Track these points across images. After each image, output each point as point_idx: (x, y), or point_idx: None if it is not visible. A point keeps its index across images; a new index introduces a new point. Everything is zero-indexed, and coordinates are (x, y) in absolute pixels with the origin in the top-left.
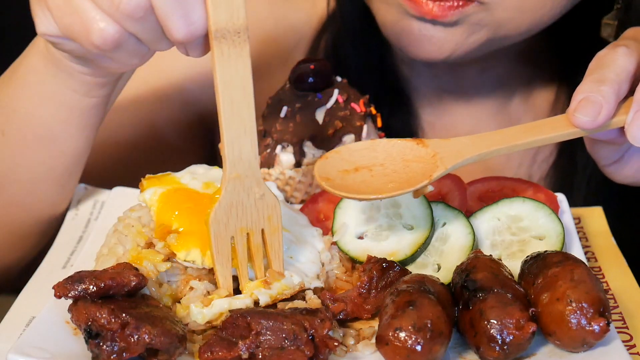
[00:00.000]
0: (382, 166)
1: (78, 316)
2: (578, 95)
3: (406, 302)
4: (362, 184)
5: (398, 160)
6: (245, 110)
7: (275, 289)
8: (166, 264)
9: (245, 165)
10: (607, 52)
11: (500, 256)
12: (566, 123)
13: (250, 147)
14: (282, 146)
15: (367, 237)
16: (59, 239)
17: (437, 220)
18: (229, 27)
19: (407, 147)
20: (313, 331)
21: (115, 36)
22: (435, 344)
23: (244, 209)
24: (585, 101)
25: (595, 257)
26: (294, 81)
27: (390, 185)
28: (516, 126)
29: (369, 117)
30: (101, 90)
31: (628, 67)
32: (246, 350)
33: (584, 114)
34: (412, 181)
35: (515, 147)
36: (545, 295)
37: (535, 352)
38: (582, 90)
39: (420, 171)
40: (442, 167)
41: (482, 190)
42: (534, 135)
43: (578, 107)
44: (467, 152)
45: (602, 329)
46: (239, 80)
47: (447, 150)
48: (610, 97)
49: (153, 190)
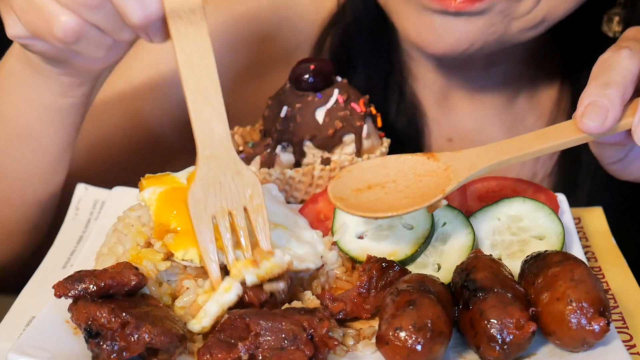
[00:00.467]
0: (395, 182)
1: (78, 316)
2: (584, 100)
3: (406, 302)
4: (376, 201)
5: (410, 175)
6: (210, 89)
7: (264, 269)
8: (166, 263)
9: (217, 144)
10: (611, 54)
11: (500, 256)
12: (574, 129)
13: (220, 125)
14: (282, 146)
15: (367, 237)
16: (59, 239)
17: (437, 220)
18: (183, 6)
19: (419, 162)
20: (312, 331)
21: (76, 28)
22: (435, 344)
23: (222, 187)
24: (592, 106)
25: (595, 257)
26: (294, 81)
27: (405, 202)
28: (524, 135)
29: (369, 117)
30: (78, 90)
31: (632, 69)
32: (246, 352)
33: (591, 119)
34: (425, 196)
35: (525, 156)
36: (546, 295)
37: (535, 352)
38: (588, 94)
39: (434, 185)
40: (455, 180)
41: (482, 190)
42: (543, 143)
43: (585, 112)
44: (479, 164)
45: (602, 328)
46: (200, 58)
47: (459, 163)
48: (617, 100)
49: (152, 190)
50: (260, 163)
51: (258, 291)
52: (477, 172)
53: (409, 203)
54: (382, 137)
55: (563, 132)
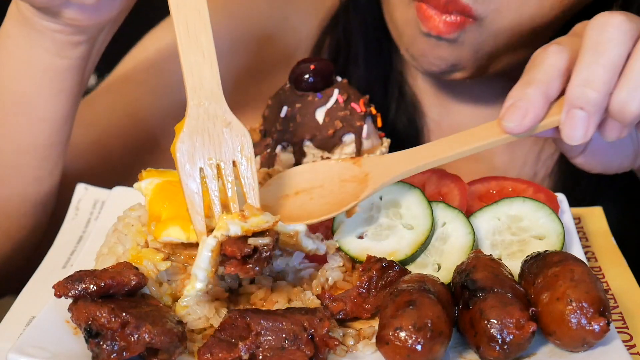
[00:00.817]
0: (321, 187)
1: (78, 315)
2: (507, 101)
3: (406, 302)
4: (299, 208)
5: (336, 180)
6: (202, 35)
7: (250, 223)
8: (166, 263)
9: (207, 92)
10: (539, 51)
11: (500, 256)
12: (499, 129)
13: (210, 73)
14: (282, 146)
15: (367, 237)
16: (59, 239)
17: (437, 220)
18: None
19: (345, 167)
20: (312, 331)
21: None
22: (435, 344)
23: (211, 138)
24: (512, 107)
25: (595, 257)
26: (294, 81)
27: (324, 208)
28: (449, 137)
29: (369, 117)
30: (74, 50)
31: (558, 64)
32: (246, 351)
33: (509, 120)
34: (343, 202)
35: (446, 158)
36: (546, 295)
37: (535, 351)
38: (510, 95)
39: (352, 192)
40: (372, 186)
41: (482, 190)
42: (466, 144)
43: (505, 113)
44: (397, 169)
45: (602, 328)
46: (193, 2)
47: (378, 169)
48: (536, 99)
49: (150, 181)
50: (260, 163)
51: (242, 244)
52: (393, 178)
53: (326, 210)
54: (382, 137)
55: (487, 133)
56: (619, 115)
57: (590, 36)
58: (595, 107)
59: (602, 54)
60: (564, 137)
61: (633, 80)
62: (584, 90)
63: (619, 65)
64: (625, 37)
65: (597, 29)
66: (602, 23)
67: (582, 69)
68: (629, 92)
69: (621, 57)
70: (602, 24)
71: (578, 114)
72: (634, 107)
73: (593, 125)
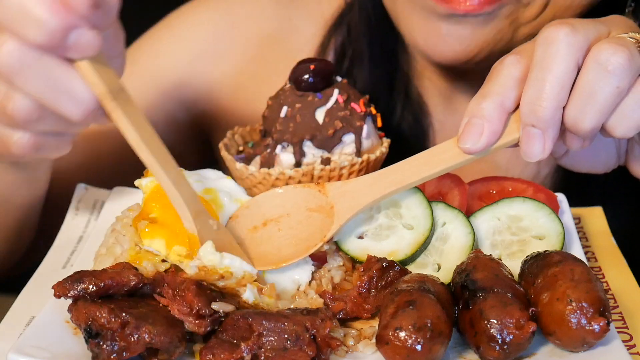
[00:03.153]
0: (289, 216)
1: (78, 316)
2: (464, 118)
3: (406, 302)
4: (268, 242)
5: (302, 209)
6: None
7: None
8: (165, 264)
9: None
10: (497, 64)
11: (500, 256)
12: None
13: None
14: (282, 146)
15: (367, 237)
16: (59, 239)
17: (437, 220)
18: (112, 87)
19: (310, 194)
20: (314, 331)
21: (30, 141)
22: (435, 344)
23: None
24: (467, 125)
25: (595, 257)
26: (294, 81)
27: (292, 242)
28: (415, 157)
29: (369, 117)
30: (39, 171)
31: (514, 74)
32: (249, 352)
33: (464, 141)
34: (310, 240)
35: (412, 184)
36: (545, 295)
37: (535, 351)
38: (467, 111)
39: (319, 225)
40: (337, 223)
41: (482, 190)
42: (433, 168)
43: (462, 133)
44: (362, 202)
45: (602, 328)
46: (145, 127)
47: (344, 202)
48: (492, 113)
49: (152, 179)
50: (260, 163)
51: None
52: (359, 211)
53: (293, 247)
54: (382, 137)
55: (449, 155)
56: (574, 129)
57: (537, 51)
58: (547, 124)
59: (547, 70)
60: (523, 155)
61: (582, 96)
62: (533, 107)
63: (567, 79)
64: (571, 49)
65: (544, 43)
66: (548, 37)
67: (530, 86)
68: (579, 108)
69: (568, 71)
70: (548, 37)
71: (532, 132)
72: (586, 123)
73: (549, 141)
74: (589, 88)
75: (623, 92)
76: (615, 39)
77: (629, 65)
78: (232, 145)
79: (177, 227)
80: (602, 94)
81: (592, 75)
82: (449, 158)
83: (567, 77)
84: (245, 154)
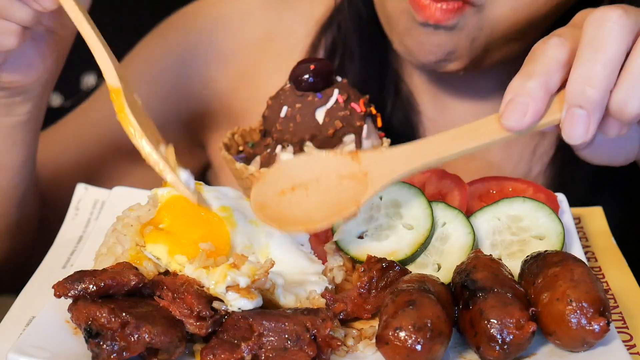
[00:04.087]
0: (318, 182)
1: (78, 315)
2: (506, 95)
3: (406, 302)
4: (296, 208)
5: (333, 176)
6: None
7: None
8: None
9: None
10: (539, 43)
11: (500, 256)
12: (499, 126)
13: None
14: (282, 146)
15: (367, 237)
16: (59, 239)
17: (437, 220)
18: None
19: (343, 162)
20: (315, 331)
21: None
22: (435, 344)
23: None
24: (511, 103)
25: (595, 257)
26: (294, 81)
27: (322, 207)
28: (450, 132)
29: (369, 117)
30: (20, 108)
31: (558, 57)
32: (249, 352)
33: (508, 118)
34: (341, 204)
35: (447, 158)
36: (546, 295)
37: (535, 351)
38: (510, 89)
39: (352, 192)
40: (372, 189)
41: (482, 190)
42: (468, 143)
43: (505, 111)
44: (397, 169)
45: (602, 328)
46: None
47: (378, 169)
48: (536, 92)
49: (169, 190)
50: (260, 163)
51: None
52: (395, 178)
53: (324, 211)
54: (382, 137)
55: (488, 130)
56: (618, 114)
57: (588, 32)
58: (594, 105)
59: (600, 51)
60: (565, 137)
61: (632, 79)
62: (582, 88)
63: (617, 61)
64: (623, 32)
65: (595, 24)
66: (600, 18)
67: (580, 66)
68: (627, 92)
69: (620, 53)
70: (600, 18)
71: (578, 113)
72: (633, 107)
73: (594, 124)
74: (639, 72)
75: None
76: None
77: None
78: (232, 145)
79: (183, 238)
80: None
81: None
82: (489, 133)
83: (619, 59)
84: (245, 154)
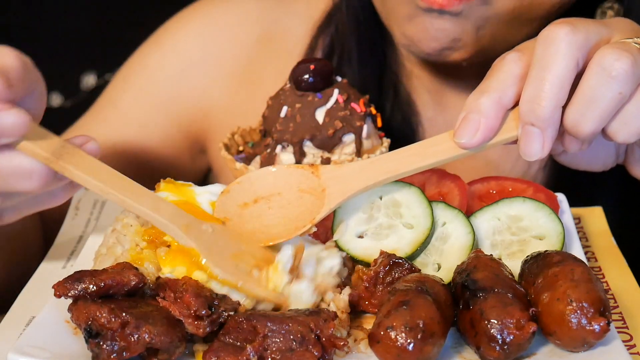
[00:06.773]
0: (280, 195)
1: (78, 316)
2: (461, 113)
3: (400, 302)
4: (257, 220)
5: (294, 189)
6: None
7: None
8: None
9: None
10: (499, 59)
11: (500, 256)
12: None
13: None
14: (282, 146)
15: (367, 236)
16: (59, 239)
17: (437, 219)
18: (55, 150)
19: (304, 175)
20: (319, 331)
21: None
22: (426, 345)
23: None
24: (464, 120)
25: (595, 257)
26: (294, 81)
27: (282, 222)
28: (410, 147)
29: (369, 117)
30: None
31: (514, 71)
32: (255, 354)
33: (460, 136)
34: (300, 220)
35: (405, 174)
36: (546, 295)
37: (536, 352)
38: (465, 105)
39: (310, 207)
40: (327, 207)
41: (482, 190)
42: (427, 159)
43: (458, 127)
44: (354, 187)
45: (603, 328)
46: (101, 169)
47: (336, 185)
48: (489, 109)
49: (166, 195)
50: (260, 163)
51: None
52: (350, 196)
53: (283, 226)
54: (382, 137)
55: (445, 147)
56: (573, 132)
57: (537, 50)
58: (546, 123)
59: (546, 69)
60: (521, 153)
61: (583, 99)
62: (532, 106)
63: (566, 78)
64: (571, 48)
65: (544, 42)
66: (548, 36)
67: (529, 84)
68: (580, 112)
69: (568, 70)
70: (547, 37)
71: (531, 130)
72: (586, 127)
73: (548, 141)
74: (591, 93)
75: (625, 98)
76: (620, 44)
77: (632, 72)
78: (232, 145)
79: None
80: (604, 99)
81: (594, 80)
82: (443, 151)
83: (567, 76)
84: (245, 154)
